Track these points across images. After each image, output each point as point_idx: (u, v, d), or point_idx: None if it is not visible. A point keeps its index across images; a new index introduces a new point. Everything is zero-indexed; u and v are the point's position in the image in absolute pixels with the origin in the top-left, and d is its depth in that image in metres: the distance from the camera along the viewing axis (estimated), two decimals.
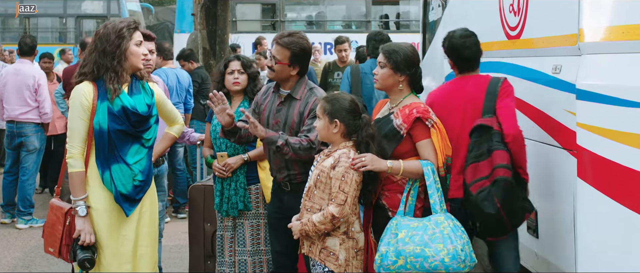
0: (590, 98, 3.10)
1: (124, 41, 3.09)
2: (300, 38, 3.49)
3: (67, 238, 3.09)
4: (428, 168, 3.07)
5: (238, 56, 4.08)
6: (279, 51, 3.45)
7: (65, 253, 3.10)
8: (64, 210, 3.11)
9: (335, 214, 3.00)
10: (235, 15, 13.30)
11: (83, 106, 3.06)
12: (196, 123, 6.74)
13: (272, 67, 3.48)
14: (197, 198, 4.31)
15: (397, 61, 3.19)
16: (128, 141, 3.12)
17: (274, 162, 3.54)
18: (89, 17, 16.46)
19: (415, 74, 3.24)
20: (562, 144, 3.30)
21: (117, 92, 3.06)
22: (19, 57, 6.70)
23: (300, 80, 3.52)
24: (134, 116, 3.11)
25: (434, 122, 3.12)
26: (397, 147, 3.15)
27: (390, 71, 3.21)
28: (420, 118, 3.11)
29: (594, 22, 3.18)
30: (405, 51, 3.22)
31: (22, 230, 6.24)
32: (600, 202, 3.06)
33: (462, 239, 3.01)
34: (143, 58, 3.15)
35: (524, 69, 3.75)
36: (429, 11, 5.77)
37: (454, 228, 3.03)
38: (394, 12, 14.53)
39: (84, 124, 3.07)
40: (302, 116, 3.45)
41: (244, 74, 3.96)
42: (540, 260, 3.64)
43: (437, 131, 3.11)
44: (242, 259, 3.89)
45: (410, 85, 3.25)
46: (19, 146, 6.44)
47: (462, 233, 3.04)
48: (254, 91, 3.96)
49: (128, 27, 3.11)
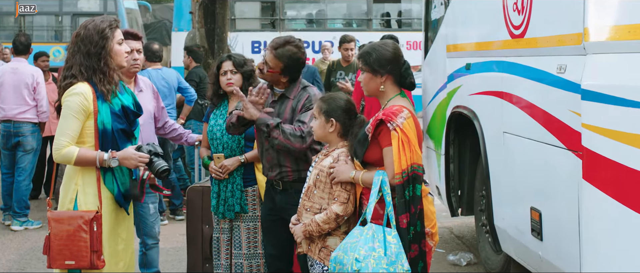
0: (596, 98, 3.07)
1: (108, 41, 3.08)
2: (296, 48, 3.51)
3: (96, 244, 3.02)
4: (379, 178, 2.89)
5: (230, 55, 4.04)
6: (272, 60, 3.50)
7: (95, 260, 3.02)
8: (87, 218, 3.01)
9: (340, 213, 3.00)
10: (234, 14, 13.24)
11: (82, 106, 3.03)
12: (194, 123, 6.69)
13: (262, 69, 3.52)
14: (195, 200, 4.28)
15: (371, 63, 3.01)
16: (125, 139, 3.16)
17: (266, 159, 3.54)
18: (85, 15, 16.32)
19: (396, 71, 3.03)
20: (567, 145, 3.27)
21: (110, 93, 3.06)
22: (13, 56, 6.63)
23: (294, 82, 3.57)
24: (132, 115, 3.16)
25: (397, 125, 2.86)
26: (366, 153, 2.97)
27: (369, 75, 3.04)
28: (384, 120, 2.91)
29: (600, 21, 3.15)
30: (380, 50, 3.02)
31: (17, 231, 6.19)
32: (605, 204, 3.04)
33: (374, 251, 2.79)
34: (128, 57, 3.15)
35: (528, 69, 3.72)
36: (432, 9, 5.72)
37: (369, 239, 2.83)
38: (396, 10, 14.46)
39: (78, 124, 3.05)
40: (294, 112, 3.48)
41: (237, 73, 3.92)
42: (544, 263, 3.61)
43: (399, 135, 2.87)
44: (238, 262, 3.87)
45: (396, 84, 3.05)
46: (15, 146, 6.39)
47: (379, 245, 2.81)
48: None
49: (110, 27, 3.10)
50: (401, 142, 2.85)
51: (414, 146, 2.88)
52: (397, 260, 2.80)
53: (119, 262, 3.18)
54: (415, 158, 2.87)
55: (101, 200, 3.08)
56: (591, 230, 3.10)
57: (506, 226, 4.11)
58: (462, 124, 4.81)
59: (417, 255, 2.90)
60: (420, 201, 2.90)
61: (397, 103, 3.00)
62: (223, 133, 3.88)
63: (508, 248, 4.18)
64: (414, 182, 2.87)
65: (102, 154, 3.06)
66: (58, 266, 3.08)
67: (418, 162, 2.89)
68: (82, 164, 3.06)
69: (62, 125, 3.06)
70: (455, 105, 4.80)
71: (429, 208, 3.02)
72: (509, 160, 3.98)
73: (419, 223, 2.90)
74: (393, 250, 2.81)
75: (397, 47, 3.09)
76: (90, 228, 3.01)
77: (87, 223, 3.01)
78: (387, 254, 2.80)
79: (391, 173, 2.87)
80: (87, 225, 3.00)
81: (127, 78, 4.02)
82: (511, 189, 4.00)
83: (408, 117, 2.91)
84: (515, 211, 3.96)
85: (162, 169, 3.12)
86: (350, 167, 3.03)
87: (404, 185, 2.85)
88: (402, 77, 3.05)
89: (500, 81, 4.03)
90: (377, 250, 2.80)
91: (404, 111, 2.92)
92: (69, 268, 3.07)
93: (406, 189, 2.86)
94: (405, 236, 2.86)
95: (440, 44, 5.29)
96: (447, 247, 5.55)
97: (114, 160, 3.06)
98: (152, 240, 4.30)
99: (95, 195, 3.07)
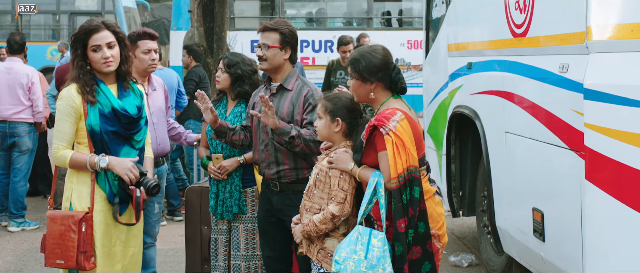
0: (598, 98, 3.05)
1: (78, 50, 3.11)
2: (286, 21, 3.54)
3: (84, 245, 3.05)
4: (374, 179, 2.87)
5: (226, 55, 4.02)
6: (268, 35, 3.47)
7: (82, 261, 3.06)
8: (77, 218, 3.06)
9: (336, 213, 2.97)
10: (233, 12, 13.19)
11: (70, 109, 3.09)
12: (193, 122, 6.66)
13: (263, 56, 3.47)
14: (194, 200, 4.26)
15: (360, 70, 2.97)
16: (119, 142, 3.15)
17: (263, 157, 3.49)
18: (83, 13, 16.25)
19: (387, 78, 2.98)
20: (569, 145, 3.25)
21: (91, 102, 3.08)
22: (8, 56, 6.57)
23: (292, 71, 3.53)
24: (124, 118, 3.14)
25: (390, 129, 2.82)
26: (363, 159, 2.95)
27: (358, 82, 3.00)
28: (376, 125, 2.88)
29: (602, 20, 3.14)
30: (368, 58, 2.97)
31: (15, 233, 6.15)
32: (608, 205, 3.03)
33: (355, 254, 2.79)
34: (105, 62, 3.11)
35: (529, 68, 3.70)
36: (433, 8, 5.70)
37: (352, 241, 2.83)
38: (396, 9, 14.39)
39: (70, 126, 3.11)
40: (294, 106, 3.44)
41: (225, 73, 3.89)
42: (546, 264, 3.59)
43: (393, 139, 2.83)
44: (236, 264, 3.85)
45: (387, 89, 3.01)
46: (11, 147, 6.35)
47: (361, 248, 2.80)
48: (233, 92, 3.90)
49: (77, 36, 3.12)
50: (395, 146, 2.82)
51: (409, 149, 2.84)
52: (379, 263, 2.79)
53: (116, 264, 3.17)
54: (411, 161, 2.84)
55: (93, 200, 3.10)
56: (594, 231, 3.08)
57: (508, 227, 4.09)
58: (463, 124, 4.79)
59: (421, 257, 2.87)
60: (420, 202, 2.86)
61: (391, 106, 2.96)
62: None
63: (510, 249, 4.15)
64: (411, 185, 2.84)
65: (92, 157, 3.09)
66: (50, 264, 3.14)
67: (414, 164, 2.86)
68: (75, 167, 3.13)
69: (55, 129, 3.15)
70: (456, 105, 4.78)
71: (436, 210, 2.98)
72: (510, 160, 3.96)
73: (421, 224, 2.86)
74: (375, 253, 2.80)
75: (387, 53, 3.03)
76: (79, 228, 3.04)
77: (76, 223, 3.04)
78: (368, 257, 2.79)
79: (387, 177, 2.85)
80: (76, 225, 3.04)
81: (142, 78, 4.00)
82: (513, 189, 3.98)
83: (402, 119, 2.88)
84: (517, 211, 3.94)
85: (152, 185, 3.13)
86: (350, 157, 3.00)
87: (401, 189, 2.83)
88: (393, 83, 3.00)
89: (502, 81, 4.00)
90: (358, 253, 2.80)
91: (397, 113, 2.89)
92: (59, 267, 3.12)
93: (403, 193, 2.83)
94: (403, 240, 2.83)
95: (442, 43, 5.26)
96: (448, 248, 5.52)
97: (103, 160, 3.07)
98: (149, 239, 4.26)
99: (89, 194, 3.10)
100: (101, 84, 3.14)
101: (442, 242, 2.99)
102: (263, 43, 3.47)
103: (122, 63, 3.17)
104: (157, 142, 4.02)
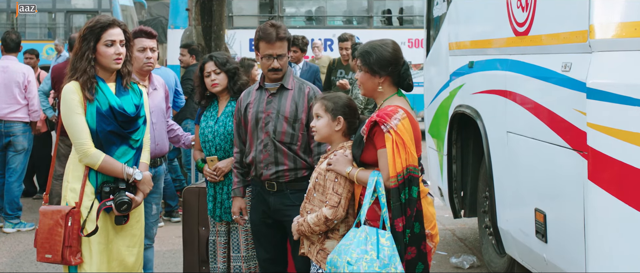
0: (601, 97, 3.03)
1: (90, 43, 3.11)
2: (283, 25, 3.53)
3: (69, 239, 3.07)
4: (373, 178, 2.84)
5: (211, 55, 3.98)
6: (281, 45, 3.43)
7: (68, 255, 3.08)
8: (64, 212, 3.09)
9: (329, 216, 2.96)
10: (231, 11, 13.15)
11: (78, 102, 3.08)
12: (191, 122, 6.61)
13: (279, 67, 3.42)
14: (191, 201, 4.23)
15: (370, 63, 2.95)
16: (116, 141, 3.15)
17: (262, 157, 3.44)
18: (79, 12, 16.17)
19: (396, 73, 2.97)
20: (572, 145, 3.22)
21: (89, 99, 3.08)
22: (3, 54, 6.52)
23: (289, 69, 3.53)
24: (121, 117, 3.14)
25: (391, 127, 2.79)
26: (362, 155, 2.92)
27: (367, 75, 2.97)
28: (377, 121, 2.85)
29: (606, 18, 3.12)
30: (379, 51, 2.95)
31: (10, 234, 6.12)
32: (611, 205, 3.01)
33: (366, 254, 2.75)
34: (117, 58, 3.14)
35: (532, 67, 3.67)
36: (434, 6, 5.66)
37: (361, 242, 2.78)
38: (397, 7, 14.34)
39: (82, 118, 3.10)
40: (296, 104, 3.43)
41: (221, 73, 3.86)
42: (548, 265, 3.58)
43: (394, 137, 2.80)
44: (236, 265, 3.83)
45: (394, 85, 3.00)
46: (6, 147, 6.30)
47: (372, 248, 2.77)
48: (234, 88, 3.87)
49: (92, 29, 3.12)
50: (395, 144, 2.79)
51: (409, 148, 2.82)
52: (390, 262, 2.76)
53: (112, 262, 3.19)
54: (410, 160, 2.81)
55: (82, 195, 3.11)
56: (597, 232, 3.07)
57: (510, 228, 4.06)
58: (464, 124, 4.76)
59: (415, 257, 2.86)
60: (417, 203, 2.84)
61: (393, 103, 2.94)
62: (214, 134, 3.85)
63: (512, 250, 4.13)
64: (409, 184, 2.81)
65: (127, 168, 3.14)
66: (40, 259, 3.16)
67: (413, 164, 2.83)
68: (105, 171, 3.14)
69: (71, 126, 3.11)
70: (457, 104, 4.75)
71: (429, 209, 2.97)
72: (512, 160, 3.93)
73: (417, 225, 2.84)
74: (386, 252, 2.77)
75: (398, 48, 3.02)
76: (65, 223, 3.07)
77: (64, 217, 3.07)
78: (380, 257, 2.76)
79: (386, 175, 2.82)
80: (63, 220, 3.07)
81: (141, 76, 3.96)
82: (515, 190, 3.95)
83: (403, 118, 2.85)
84: (519, 212, 3.91)
85: (119, 202, 3.13)
86: (348, 160, 2.97)
87: (400, 188, 2.80)
88: (401, 79, 2.99)
89: (504, 80, 3.97)
90: (370, 253, 2.77)
91: (399, 111, 2.86)
92: (48, 261, 3.16)
93: (402, 192, 2.80)
94: (401, 239, 2.81)
95: (443, 41, 5.23)
96: (449, 249, 5.49)
97: (138, 174, 3.17)
98: (147, 241, 4.22)
99: (86, 192, 3.12)
100: (100, 82, 3.15)
101: (434, 241, 2.99)
102: (278, 54, 3.42)
103: (125, 63, 3.20)
104: (155, 142, 3.98)
